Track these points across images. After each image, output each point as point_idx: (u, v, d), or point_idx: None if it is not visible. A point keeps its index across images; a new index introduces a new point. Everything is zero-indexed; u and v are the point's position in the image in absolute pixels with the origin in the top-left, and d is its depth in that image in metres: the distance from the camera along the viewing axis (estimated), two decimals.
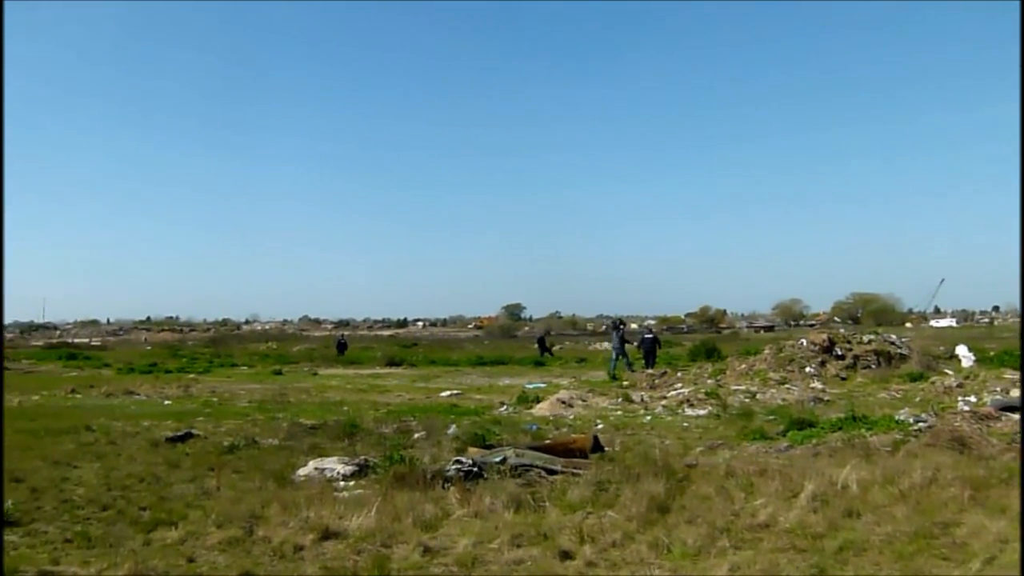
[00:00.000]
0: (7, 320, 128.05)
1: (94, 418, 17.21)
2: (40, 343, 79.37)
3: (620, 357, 29.83)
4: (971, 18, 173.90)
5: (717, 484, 8.95)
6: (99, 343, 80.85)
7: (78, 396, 23.91)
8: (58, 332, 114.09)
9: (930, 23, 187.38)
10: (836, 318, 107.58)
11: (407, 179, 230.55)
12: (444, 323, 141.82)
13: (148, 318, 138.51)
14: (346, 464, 10.65)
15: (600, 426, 15.35)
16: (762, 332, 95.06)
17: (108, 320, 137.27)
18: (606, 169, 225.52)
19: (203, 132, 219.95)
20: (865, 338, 25.95)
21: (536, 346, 45.19)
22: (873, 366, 23.62)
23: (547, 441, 12.38)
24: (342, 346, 49.36)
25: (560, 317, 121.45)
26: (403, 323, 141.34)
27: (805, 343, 25.20)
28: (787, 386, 21.01)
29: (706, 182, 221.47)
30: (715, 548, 6.57)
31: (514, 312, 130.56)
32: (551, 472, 9.88)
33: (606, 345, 62.34)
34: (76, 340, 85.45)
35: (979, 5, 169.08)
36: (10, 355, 54.94)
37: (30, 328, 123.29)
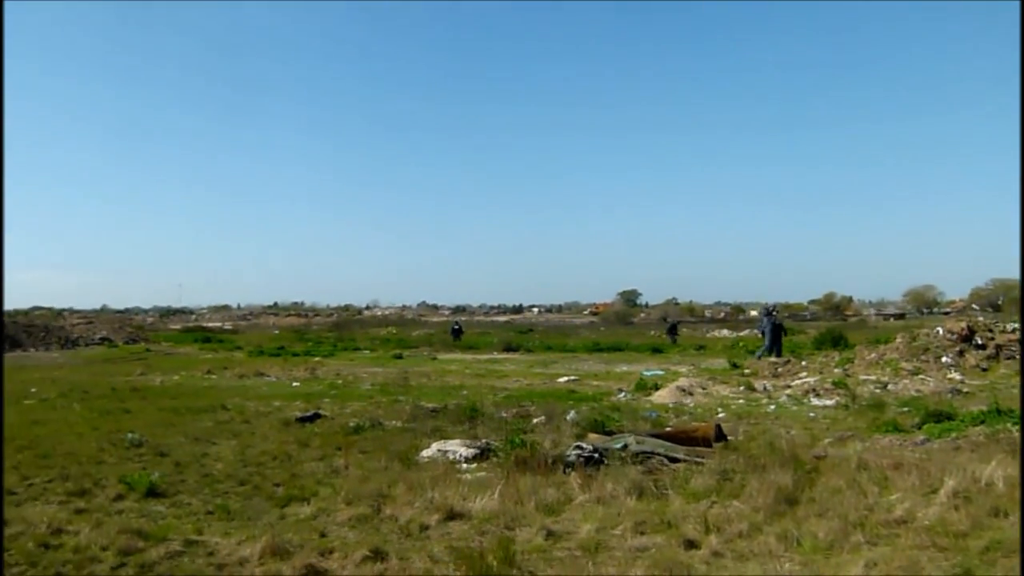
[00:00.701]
0: (147, 304, 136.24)
1: (229, 398, 18.22)
2: (177, 327, 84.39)
3: (771, 346, 28.64)
4: None
5: (848, 477, 8.63)
6: (231, 327, 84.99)
7: (213, 377, 25.29)
8: (193, 316, 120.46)
9: None
10: (974, 305, 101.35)
11: (522, 166, 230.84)
12: (559, 309, 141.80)
13: (275, 303, 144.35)
14: (468, 447, 10.85)
15: (722, 414, 15.08)
16: (892, 320, 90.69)
17: (238, 305, 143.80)
18: (725, 151, 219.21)
19: (334, 123, 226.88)
20: (1008, 327, 24.36)
21: (666, 333, 44.67)
22: (1018, 356, 22.20)
23: (668, 428, 12.26)
24: (457, 332, 50.13)
25: (677, 303, 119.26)
26: (518, 309, 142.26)
27: (941, 331, 23.88)
28: (921, 376, 20.02)
29: (832, 166, 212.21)
30: (848, 543, 6.35)
31: (630, 298, 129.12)
32: (673, 460, 9.79)
33: (725, 332, 61.11)
34: (210, 324, 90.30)
35: None
36: (150, 337, 58.66)
37: (168, 312, 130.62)
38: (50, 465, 10.22)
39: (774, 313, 30.80)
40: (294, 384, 22.47)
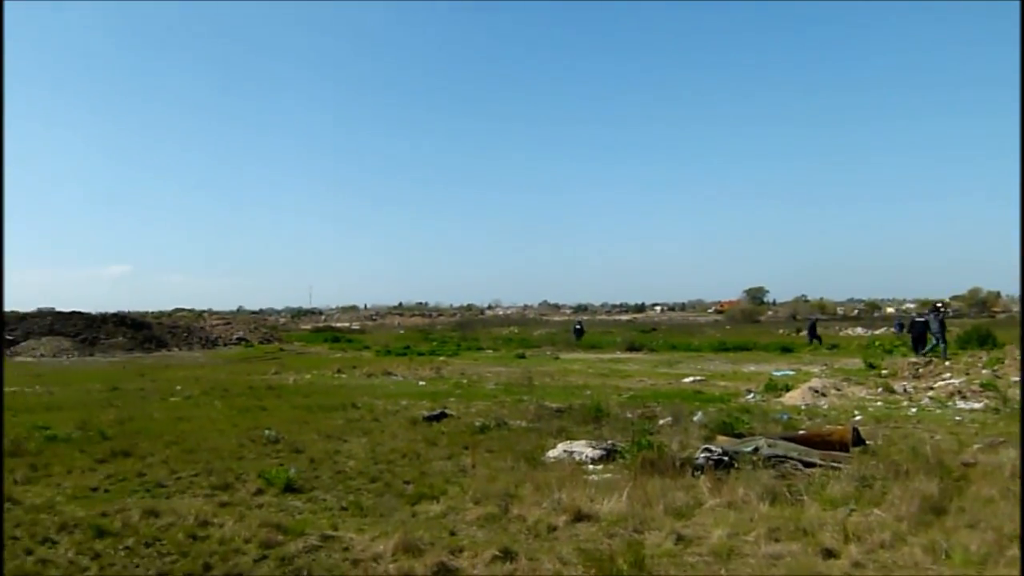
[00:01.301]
0: (279, 305, 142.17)
1: (358, 396, 18.84)
2: (308, 327, 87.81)
3: (940, 343, 27.15)
4: None
5: (1002, 486, 8.15)
6: (358, 327, 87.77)
7: (343, 376, 26.19)
8: (323, 317, 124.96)
9: None
10: None
11: (643, 161, 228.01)
12: (683, 307, 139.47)
13: (400, 304, 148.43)
14: (594, 448, 10.83)
15: (859, 417, 14.48)
16: None
17: (365, 305, 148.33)
18: (854, 143, 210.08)
19: (453, 125, 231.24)
20: None
21: (806, 332, 43.18)
22: None
23: (801, 432, 11.86)
24: (579, 331, 50.05)
25: (807, 301, 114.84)
26: (641, 308, 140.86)
27: None
28: None
29: (971, 156, 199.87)
30: (1004, 557, 5.99)
31: (757, 296, 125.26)
32: (807, 464, 9.48)
33: (859, 330, 58.53)
34: (338, 324, 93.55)
35: None
36: (283, 337, 61.26)
37: (299, 313, 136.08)
38: (195, 460, 10.84)
39: (942, 310, 29.29)
40: (420, 383, 22.99)
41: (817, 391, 17.85)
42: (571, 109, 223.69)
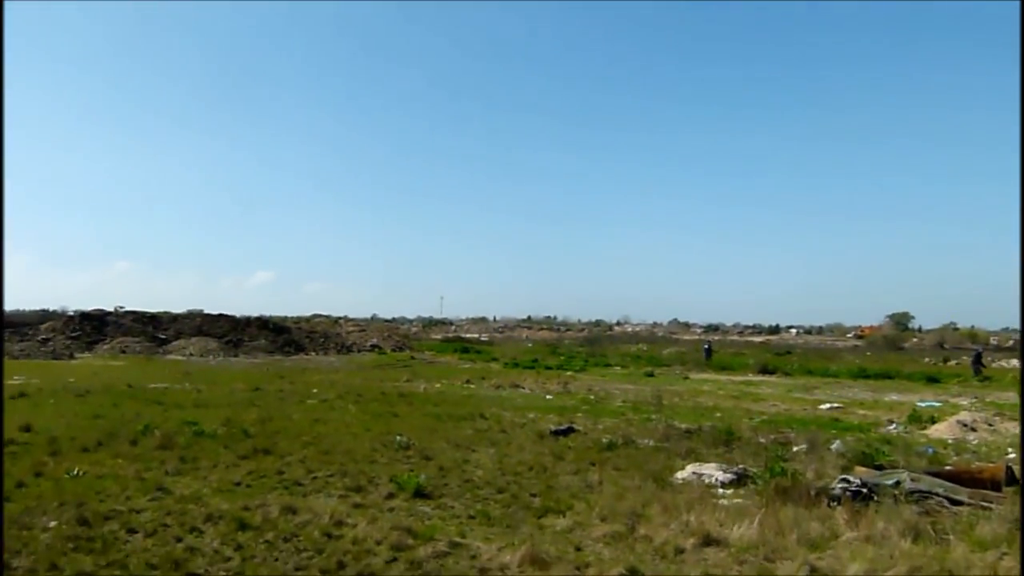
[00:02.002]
0: (411, 315, 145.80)
1: (487, 407, 19.12)
2: (438, 337, 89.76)
3: None
4: None
5: None
6: (487, 338, 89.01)
7: (472, 386, 26.65)
8: (453, 327, 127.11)
9: None
10: None
11: (784, 179, 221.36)
12: (820, 331, 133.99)
13: (528, 317, 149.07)
14: (724, 471, 10.61)
15: (1012, 455, 13.53)
16: None
17: (494, 318, 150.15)
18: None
19: (579, 137, 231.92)
20: None
21: (971, 364, 40.64)
22: None
23: (947, 467, 11.23)
24: (708, 351, 49.07)
25: (956, 329, 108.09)
26: (775, 330, 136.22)
27: None
28: None
29: None
30: None
31: (901, 322, 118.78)
32: (955, 502, 8.97)
33: (1014, 363, 54.65)
34: (467, 335, 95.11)
35: None
36: (415, 346, 62.86)
37: (430, 323, 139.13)
38: (331, 461, 11.28)
39: None
40: (547, 397, 23.11)
41: (966, 425, 16.83)
42: (709, 120, 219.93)
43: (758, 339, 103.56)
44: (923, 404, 22.14)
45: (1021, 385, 15.82)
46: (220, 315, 57.59)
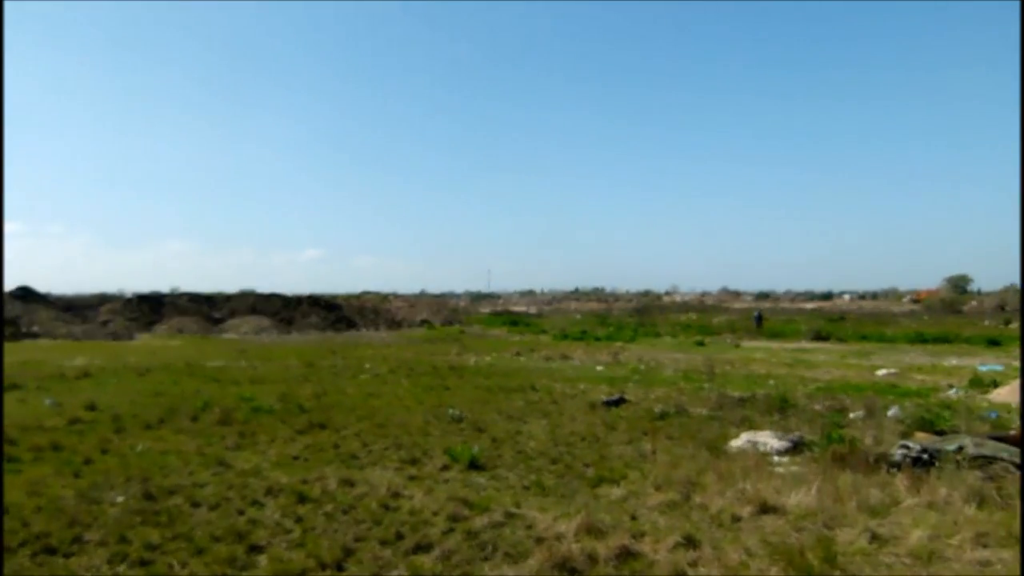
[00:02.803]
0: (460, 289, 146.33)
1: (537, 379, 19.18)
2: (487, 310, 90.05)
3: None
4: None
5: None
6: (535, 311, 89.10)
7: (522, 359, 26.74)
8: (501, 300, 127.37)
9: None
10: None
11: (834, 142, 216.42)
12: (874, 296, 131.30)
13: (576, 288, 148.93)
14: (780, 439, 10.51)
15: None
16: None
17: (542, 290, 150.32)
18: None
19: (634, 106, 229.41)
20: None
21: None
22: None
23: (1011, 432, 10.96)
24: (759, 319, 48.49)
25: (1020, 290, 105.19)
26: (828, 296, 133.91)
27: None
28: None
29: None
30: None
31: (959, 284, 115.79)
32: (1020, 467, 8.75)
33: None
34: (516, 308, 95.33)
35: None
36: (464, 320, 63.18)
37: (478, 296, 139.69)
38: (385, 434, 11.43)
39: None
40: (598, 368, 23.07)
41: None
42: (761, 84, 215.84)
43: (810, 305, 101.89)
44: (984, 368, 21.66)
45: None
46: (272, 294, 58.39)
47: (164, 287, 60.43)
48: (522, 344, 34.11)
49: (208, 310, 53.22)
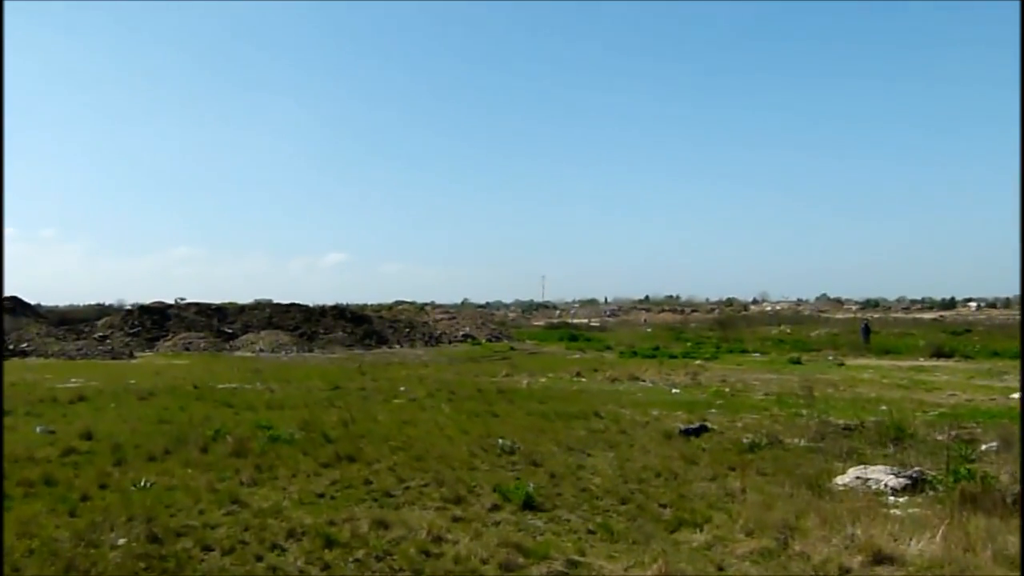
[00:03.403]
0: (508, 298, 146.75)
1: (601, 404, 19.13)
2: (541, 323, 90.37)
3: None
4: None
5: None
6: (598, 323, 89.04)
7: (583, 380, 26.74)
8: (557, 311, 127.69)
9: None
10: None
11: (959, 132, 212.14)
12: (1006, 303, 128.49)
13: (647, 297, 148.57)
14: (895, 475, 10.34)
15: None
16: None
17: (605, 299, 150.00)
18: None
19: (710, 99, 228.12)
20: None
21: None
22: None
23: None
24: (867, 332, 47.67)
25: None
26: (950, 303, 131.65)
27: None
28: None
29: None
30: None
31: None
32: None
33: None
34: (575, 320, 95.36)
35: None
36: (513, 334, 63.34)
37: (530, 307, 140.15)
38: (424, 468, 11.48)
39: None
40: (673, 391, 22.96)
41: None
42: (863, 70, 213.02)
43: (928, 315, 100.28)
44: None
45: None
46: (291, 304, 59.25)
47: (169, 298, 61.61)
48: (583, 363, 34.11)
49: (218, 324, 54.14)
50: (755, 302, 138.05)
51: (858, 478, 10.45)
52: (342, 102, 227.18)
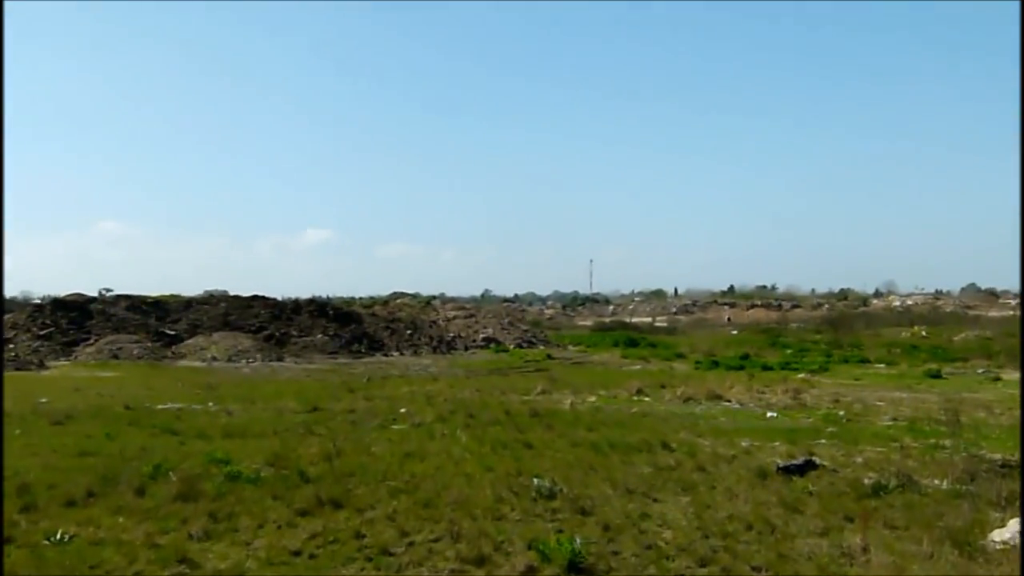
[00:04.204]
0: (545, 290, 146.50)
1: (672, 432, 19.09)
2: (588, 323, 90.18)
3: None
4: None
5: None
6: (664, 323, 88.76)
7: (646, 399, 26.73)
8: (610, 308, 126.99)
9: None
10: None
11: None
12: None
13: (731, 288, 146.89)
14: None
15: None
16: None
17: (675, 291, 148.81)
18: None
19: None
20: None
21: None
22: None
23: None
24: None
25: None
26: None
27: None
28: None
29: None
30: None
31: None
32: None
33: None
34: (635, 319, 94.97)
35: None
36: (551, 338, 63.26)
37: (574, 301, 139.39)
38: (434, 517, 11.50)
39: None
40: (769, 414, 22.88)
41: None
42: None
43: None
44: None
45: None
46: (255, 298, 59.47)
47: (92, 289, 61.79)
48: (646, 376, 34.04)
49: (158, 323, 54.47)
50: (878, 295, 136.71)
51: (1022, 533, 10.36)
52: (326, 39, 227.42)
